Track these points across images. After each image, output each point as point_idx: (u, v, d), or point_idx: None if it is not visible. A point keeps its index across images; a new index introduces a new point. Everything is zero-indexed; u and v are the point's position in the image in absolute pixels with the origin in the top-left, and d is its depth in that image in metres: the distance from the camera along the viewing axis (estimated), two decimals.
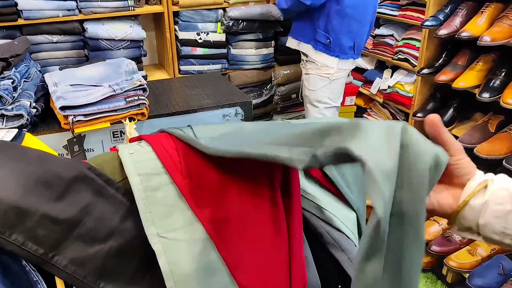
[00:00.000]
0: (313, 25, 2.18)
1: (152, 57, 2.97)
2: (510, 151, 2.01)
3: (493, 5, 2.05)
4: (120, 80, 1.43)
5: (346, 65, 2.26)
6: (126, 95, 1.39)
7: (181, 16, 2.63)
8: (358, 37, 2.18)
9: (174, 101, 1.62)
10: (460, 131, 2.31)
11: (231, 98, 1.65)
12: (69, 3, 2.30)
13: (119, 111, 1.38)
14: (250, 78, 2.93)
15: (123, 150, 0.94)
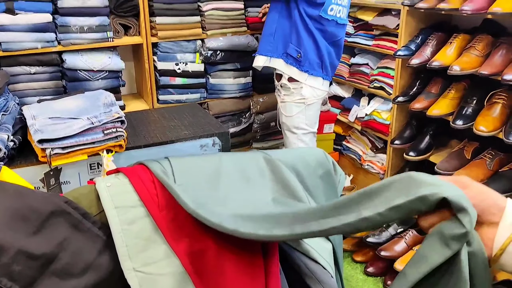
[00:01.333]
0: (286, 40, 2.24)
1: (130, 87, 2.98)
2: (486, 177, 2.05)
3: (460, 36, 2.13)
4: (98, 113, 1.43)
5: (316, 83, 2.29)
6: (104, 127, 1.39)
7: (160, 47, 2.66)
8: (324, 56, 2.23)
9: (152, 132, 1.62)
10: (437, 158, 2.35)
11: (208, 128, 1.66)
12: (48, 35, 2.31)
13: (97, 143, 1.38)
14: (229, 107, 2.95)
15: (100, 183, 0.94)
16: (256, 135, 3.07)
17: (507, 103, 1.97)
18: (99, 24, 2.41)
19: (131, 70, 2.95)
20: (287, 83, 2.27)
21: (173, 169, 1.10)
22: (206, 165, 1.15)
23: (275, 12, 2.24)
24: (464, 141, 2.27)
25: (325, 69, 2.27)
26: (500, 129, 1.95)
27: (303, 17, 2.15)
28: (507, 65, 1.90)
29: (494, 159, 2.05)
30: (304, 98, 2.27)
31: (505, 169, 2.00)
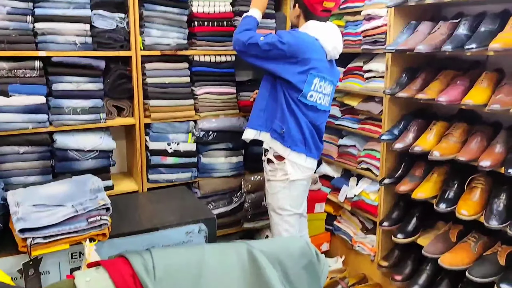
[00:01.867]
0: (272, 116, 2.32)
1: (121, 165, 3.01)
2: (471, 261, 2.05)
3: (439, 123, 2.23)
4: (84, 199, 1.45)
5: (300, 160, 2.31)
6: (89, 215, 1.41)
7: (153, 128, 2.71)
8: (306, 134, 2.28)
9: (137, 218, 1.63)
10: (425, 240, 2.36)
11: (195, 214, 1.67)
12: (40, 116, 2.35)
13: (80, 232, 1.38)
14: (220, 186, 2.96)
15: (79, 278, 0.95)
16: (247, 214, 3.05)
17: (486, 188, 2.03)
18: (92, 106, 2.47)
19: (123, 149, 3.00)
20: (272, 158, 2.32)
21: (154, 264, 1.11)
22: (188, 260, 1.16)
23: (265, 90, 2.35)
24: (449, 224, 2.30)
25: (308, 146, 2.31)
26: (481, 213, 1.99)
27: (287, 98, 2.24)
28: (482, 151, 1.98)
29: (478, 242, 2.08)
30: (287, 174, 2.29)
31: (489, 253, 2.03)
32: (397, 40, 2.36)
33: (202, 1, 2.70)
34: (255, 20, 2.39)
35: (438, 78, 2.24)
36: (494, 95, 1.94)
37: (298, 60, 2.16)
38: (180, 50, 2.68)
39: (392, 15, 2.43)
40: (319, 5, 2.22)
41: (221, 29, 2.79)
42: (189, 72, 2.76)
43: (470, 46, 1.95)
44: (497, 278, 1.92)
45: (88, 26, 2.40)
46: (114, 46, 2.49)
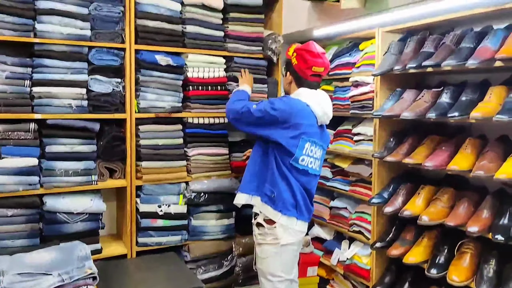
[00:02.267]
0: (263, 180, 2.33)
1: (110, 228, 2.98)
2: None
3: (427, 187, 2.26)
4: (70, 268, 1.43)
5: (291, 223, 2.29)
6: (75, 285, 1.39)
7: (144, 190, 2.71)
8: (298, 197, 2.28)
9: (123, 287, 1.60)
10: None
11: (182, 283, 1.65)
12: (31, 178, 2.35)
13: None
14: (210, 249, 2.91)
15: None
16: (238, 278, 2.98)
17: (475, 253, 2.03)
18: (84, 168, 2.49)
19: (113, 211, 2.97)
20: (262, 222, 2.31)
21: None
22: None
23: (257, 155, 2.38)
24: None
25: (299, 209, 2.30)
26: (472, 278, 1.98)
27: (278, 162, 2.27)
28: (470, 217, 2.00)
29: None
30: (278, 239, 2.27)
31: None
32: (384, 106, 2.44)
33: (197, 67, 2.81)
34: (246, 93, 2.52)
35: (424, 143, 2.30)
36: (478, 161, 1.99)
37: (290, 125, 2.21)
38: (174, 113, 2.74)
39: (378, 82, 2.52)
40: (309, 70, 2.31)
41: (215, 93, 2.88)
42: (182, 134, 2.82)
43: (452, 114, 2.02)
44: None
45: (84, 90, 2.48)
46: (110, 109, 2.55)
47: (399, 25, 2.42)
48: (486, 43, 1.96)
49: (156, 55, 2.65)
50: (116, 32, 2.55)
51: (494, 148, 2.00)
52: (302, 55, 2.30)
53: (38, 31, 2.36)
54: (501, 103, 1.90)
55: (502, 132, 2.15)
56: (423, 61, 2.15)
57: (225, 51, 2.92)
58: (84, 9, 2.46)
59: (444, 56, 2.09)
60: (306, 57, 2.29)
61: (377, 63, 2.53)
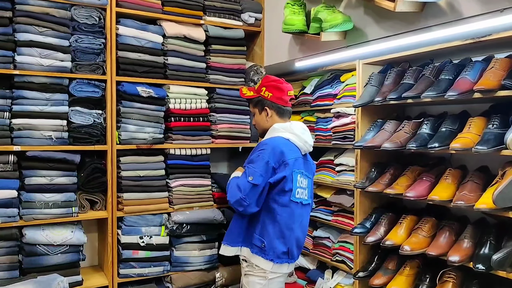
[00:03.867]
0: (250, 231, 2.31)
1: (92, 259, 2.93)
2: None
3: (408, 217, 2.28)
4: None
5: (282, 269, 2.30)
6: None
7: (125, 221, 2.69)
8: (290, 243, 2.28)
9: None
10: None
11: None
12: (10, 211, 2.33)
13: None
14: (193, 280, 2.89)
15: None
16: None
17: (457, 282, 2.04)
18: (65, 200, 2.47)
19: (94, 242, 2.94)
20: (252, 262, 2.28)
21: None
22: None
23: None
24: None
25: (291, 254, 2.29)
26: None
27: (272, 207, 2.24)
28: (451, 246, 2.01)
29: None
30: (265, 272, 2.26)
31: None
32: (365, 137, 2.47)
33: (179, 99, 2.83)
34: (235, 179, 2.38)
35: (405, 173, 2.33)
36: (459, 191, 2.01)
37: (284, 164, 2.22)
38: (156, 144, 2.74)
39: (359, 114, 2.56)
40: (286, 95, 2.37)
41: (197, 124, 2.90)
42: (164, 165, 2.81)
43: (432, 145, 2.05)
44: None
45: (65, 122, 2.47)
46: (90, 140, 2.54)
47: (379, 57, 2.47)
48: (465, 75, 2.00)
49: (137, 87, 2.66)
50: (97, 63, 2.56)
51: (474, 179, 2.03)
52: (273, 86, 2.37)
53: (18, 62, 2.37)
54: (480, 134, 1.94)
55: (482, 163, 2.19)
56: (403, 93, 2.19)
57: (207, 83, 2.96)
58: (65, 41, 2.48)
59: (424, 88, 2.13)
60: (278, 85, 2.37)
61: (358, 95, 2.57)
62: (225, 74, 3.02)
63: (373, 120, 2.57)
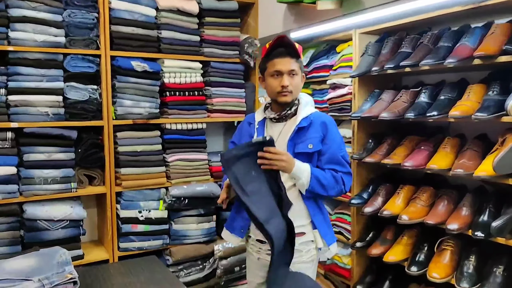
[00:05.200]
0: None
1: (91, 234, 2.95)
2: None
3: (406, 187, 2.29)
4: (50, 273, 1.42)
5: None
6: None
7: (124, 196, 2.70)
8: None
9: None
10: None
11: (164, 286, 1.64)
12: (10, 187, 2.33)
13: None
14: (192, 253, 2.92)
15: None
16: (220, 281, 3.00)
17: (455, 250, 2.06)
18: (63, 176, 2.47)
19: (94, 217, 2.95)
20: None
21: None
22: None
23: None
24: (422, 286, 2.30)
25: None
26: (452, 275, 2.01)
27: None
28: (449, 214, 2.03)
29: None
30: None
31: None
32: (362, 108, 2.47)
33: (174, 73, 2.80)
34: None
35: (403, 143, 2.33)
36: (457, 159, 2.02)
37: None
38: (151, 119, 2.72)
39: (356, 84, 2.55)
40: None
41: (192, 98, 2.88)
42: (161, 140, 2.80)
43: (431, 113, 2.05)
44: None
45: (61, 98, 2.45)
46: (87, 116, 2.52)
47: (376, 26, 2.44)
48: (464, 41, 1.97)
49: (132, 61, 2.63)
50: (90, 38, 2.52)
51: (473, 147, 2.03)
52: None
53: (12, 38, 2.33)
54: (480, 101, 1.93)
55: (480, 131, 2.18)
56: (401, 62, 2.17)
57: (201, 56, 2.92)
58: (58, 16, 2.44)
59: (422, 56, 2.11)
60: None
61: (354, 65, 2.56)
62: (219, 47, 2.99)
63: (370, 90, 2.56)
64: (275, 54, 1.84)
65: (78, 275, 1.47)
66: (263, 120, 1.96)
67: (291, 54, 1.83)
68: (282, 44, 1.82)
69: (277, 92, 1.84)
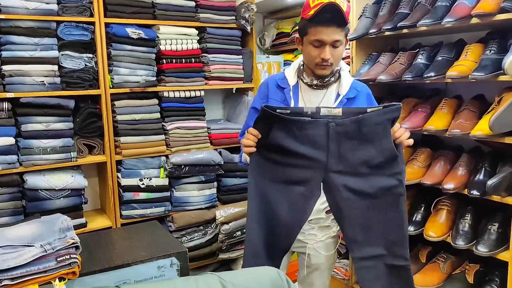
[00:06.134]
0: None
1: (94, 203, 2.99)
2: (442, 280, 2.11)
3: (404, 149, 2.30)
4: (52, 239, 1.44)
5: None
6: (58, 254, 1.39)
7: (124, 164, 2.72)
8: None
9: (108, 255, 1.62)
10: None
11: (166, 248, 1.67)
12: (10, 157, 2.34)
13: (49, 271, 1.36)
14: (194, 219, 2.96)
15: None
16: (223, 245, 3.05)
17: (451, 209, 2.10)
18: (62, 145, 2.48)
19: (95, 186, 2.98)
20: None
21: None
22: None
23: None
24: (418, 245, 2.35)
25: None
26: (448, 233, 2.05)
27: None
28: (446, 174, 2.05)
29: (447, 262, 2.14)
30: None
31: (457, 272, 2.10)
32: (360, 71, 2.45)
33: (170, 40, 2.77)
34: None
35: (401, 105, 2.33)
36: (454, 120, 2.03)
37: None
38: (149, 87, 2.71)
39: (354, 47, 2.53)
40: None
41: (189, 65, 2.86)
42: (159, 108, 2.80)
43: (429, 74, 2.04)
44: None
45: (56, 67, 2.43)
46: (83, 85, 2.51)
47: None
48: (462, 0, 1.95)
49: (126, 28, 2.60)
50: (83, 5, 2.48)
51: (470, 107, 2.03)
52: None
53: (3, 6, 2.29)
54: (477, 61, 1.92)
55: (478, 92, 2.18)
56: (399, 23, 2.15)
57: (197, 22, 2.88)
58: None
59: (420, 16, 2.08)
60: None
61: (352, 28, 2.53)
62: (215, 12, 2.94)
63: (367, 53, 2.54)
64: (319, 20, 1.59)
65: (80, 240, 1.50)
66: (296, 85, 1.79)
67: (339, 22, 1.60)
68: (331, 10, 1.57)
69: (315, 63, 1.68)
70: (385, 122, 1.49)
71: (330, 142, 1.51)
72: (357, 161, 1.53)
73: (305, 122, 1.49)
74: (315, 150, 1.52)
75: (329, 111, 1.49)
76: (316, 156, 1.53)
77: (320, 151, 1.52)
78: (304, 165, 1.55)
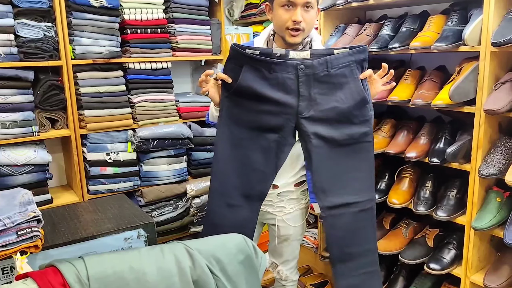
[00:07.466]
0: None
1: (60, 179, 2.93)
2: (403, 245, 2.21)
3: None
4: (12, 213, 1.41)
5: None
6: (18, 228, 1.37)
7: (89, 139, 2.66)
8: None
9: (73, 228, 1.60)
10: None
11: (133, 220, 1.66)
12: None
13: (10, 245, 1.33)
14: (164, 193, 2.94)
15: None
16: (194, 219, 3.06)
17: (414, 177, 2.16)
18: (23, 119, 2.39)
19: (60, 162, 2.92)
20: None
21: (88, 273, 1.10)
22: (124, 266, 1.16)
23: None
24: (382, 213, 2.42)
25: None
26: (410, 200, 2.12)
27: None
28: (409, 144, 2.10)
29: (409, 228, 2.23)
30: None
31: (418, 237, 2.19)
32: (328, 43, 2.45)
33: (134, 9, 2.69)
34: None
35: None
36: (417, 90, 2.07)
37: None
38: (113, 58, 2.64)
39: (321, 19, 2.52)
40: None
41: (155, 36, 2.79)
42: (124, 80, 2.74)
43: (393, 45, 2.07)
44: (426, 258, 2.06)
45: (12, 36, 2.32)
46: (43, 55, 2.42)
47: None
48: None
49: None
50: None
51: (432, 77, 2.07)
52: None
53: None
54: (440, 32, 1.95)
55: (440, 63, 2.22)
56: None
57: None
58: None
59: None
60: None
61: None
62: None
63: (335, 25, 2.53)
64: None
65: (43, 213, 1.47)
66: None
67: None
68: None
69: (286, 27, 1.63)
70: (352, 64, 1.56)
71: (300, 86, 1.55)
72: (327, 106, 1.57)
73: (274, 63, 1.52)
74: (286, 95, 1.56)
75: (298, 54, 1.53)
76: (287, 101, 1.56)
77: (292, 96, 1.56)
78: (276, 112, 1.58)
